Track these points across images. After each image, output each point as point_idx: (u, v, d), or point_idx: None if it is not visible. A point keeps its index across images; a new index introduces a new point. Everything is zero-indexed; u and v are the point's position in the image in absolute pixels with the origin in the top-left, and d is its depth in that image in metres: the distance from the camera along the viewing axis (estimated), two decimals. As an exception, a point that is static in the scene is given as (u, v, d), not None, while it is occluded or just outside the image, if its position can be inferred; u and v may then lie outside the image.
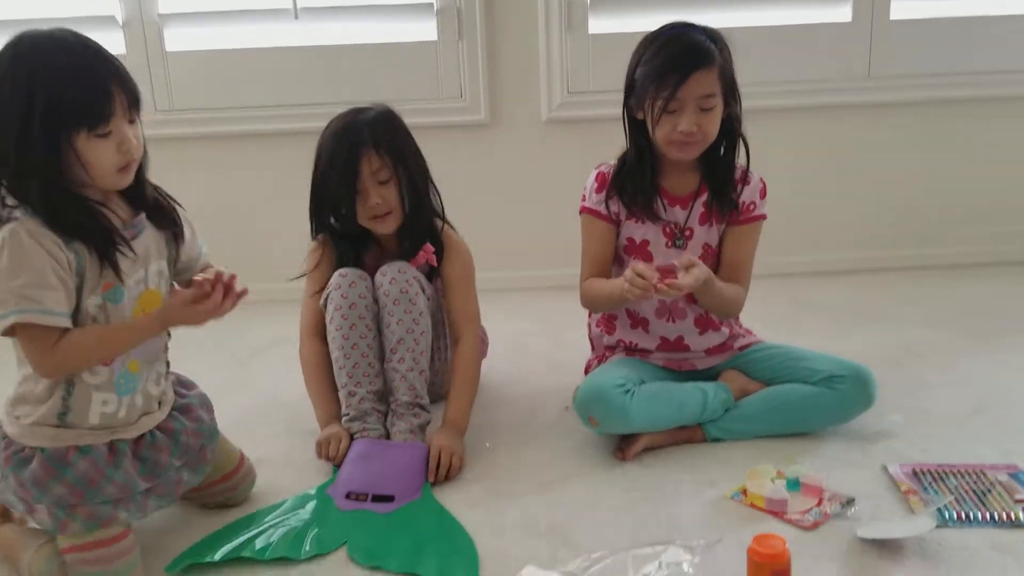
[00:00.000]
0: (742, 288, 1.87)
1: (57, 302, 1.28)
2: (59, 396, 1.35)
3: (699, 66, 1.70)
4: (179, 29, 2.81)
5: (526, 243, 2.98)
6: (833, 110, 2.97)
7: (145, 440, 1.44)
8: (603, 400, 1.72)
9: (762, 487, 1.56)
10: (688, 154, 1.78)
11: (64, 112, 1.25)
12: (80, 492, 1.34)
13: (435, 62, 2.85)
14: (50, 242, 1.27)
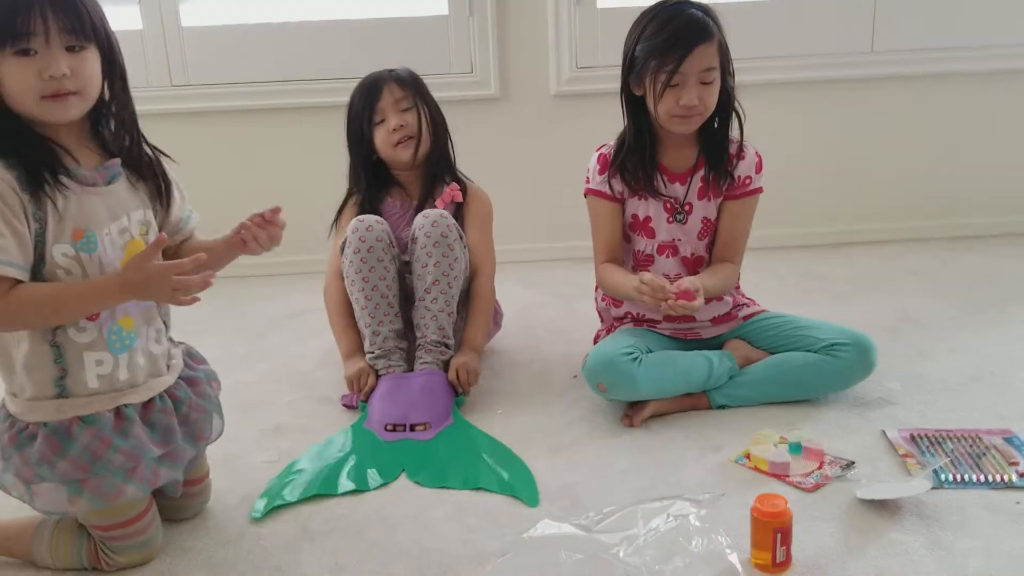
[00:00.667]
0: (734, 265, 1.94)
1: (3, 250, 1.19)
2: (50, 360, 1.28)
3: (701, 40, 1.76)
4: (194, 3, 2.84)
5: (535, 215, 3.03)
6: (836, 84, 3.00)
7: (155, 404, 1.37)
8: (611, 367, 1.78)
9: (765, 451, 1.62)
10: (689, 127, 1.83)
11: None
12: (85, 465, 1.28)
13: (446, 37, 2.89)
14: (3, 184, 1.20)
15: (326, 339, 2.20)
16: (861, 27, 2.94)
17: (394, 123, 2.06)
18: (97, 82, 1.27)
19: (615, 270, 1.92)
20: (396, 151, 2.09)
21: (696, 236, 1.93)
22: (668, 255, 1.94)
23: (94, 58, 1.25)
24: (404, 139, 2.08)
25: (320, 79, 2.84)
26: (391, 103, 2.07)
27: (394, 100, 2.07)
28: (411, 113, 2.08)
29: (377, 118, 2.08)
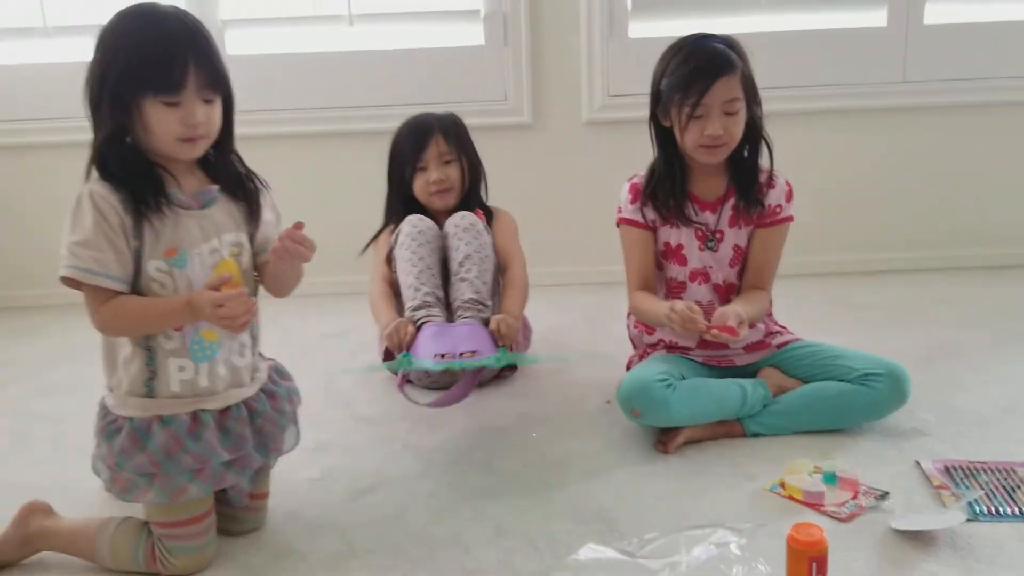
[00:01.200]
0: (765, 292, 1.97)
1: (101, 263, 1.33)
2: (142, 361, 1.41)
3: (723, 73, 1.80)
4: (239, 32, 2.91)
5: (566, 239, 3.07)
6: (868, 113, 3.03)
7: (231, 412, 1.46)
8: (646, 393, 1.80)
9: (800, 480, 1.64)
10: (715, 157, 1.87)
11: (136, 75, 1.31)
12: (158, 462, 1.38)
13: (481, 66, 2.95)
14: (107, 205, 1.33)
15: (366, 358, 2.24)
16: (893, 57, 2.97)
17: (435, 176, 2.20)
18: (219, 124, 1.42)
19: (648, 297, 1.95)
20: (433, 199, 2.25)
21: (727, 263, 1.96)
22: (700, 282, 1.97)
23: (219, 106, 1.41)
24: (442, 190, 2.22)
25: (363, 106, 2.90)
26: (435, 155, 2.20)
27: (439, 153, 2.21)
28: (452, 167, 2.23)
29: (420, 165, 2.22)
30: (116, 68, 1.31)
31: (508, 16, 2.89)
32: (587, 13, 2.89)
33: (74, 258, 1.33)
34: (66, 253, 1.34)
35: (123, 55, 1.31)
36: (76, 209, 1.35)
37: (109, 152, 1.35)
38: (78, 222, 1.34)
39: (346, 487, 1.76)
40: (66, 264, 1.34)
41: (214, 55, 1.37)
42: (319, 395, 2.22)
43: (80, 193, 1.35)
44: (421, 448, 1.92)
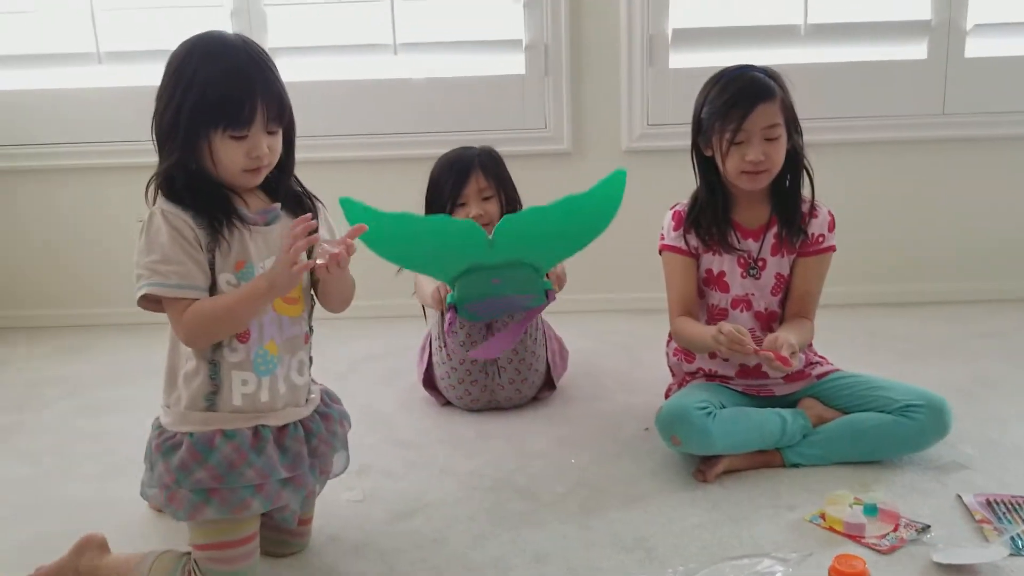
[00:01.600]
0: (810, 322, 1.98)
1: (182, 275, 1.37)
2: (206, 375, 1.42)
3: (762, 98, 1.84)
4: (287, 60, 2.97)
5: (603, 266, 3.08)
6: (908, 145, 3.03)
7: (288, 431, 1.48)
8: (686, 420, 1.81)
9: (841, 511, 1.64)
10: (757, 184, 1.89)
11: (208, 110, 1.35)
12: (220, 476, 1.39)
13: (522, 94, 2.99)
14: (180, 220, 1.37)
15: (405, 381, 2.27)
16: (933, 90, 2.98)
17: (475, 212, 2.24)
18: (279, 151, 1.46)
19: (690, 323, 1.97)
20: None
21: (770, 291, 1.98)
22: (742, 309, 1.98)
23: (281, 135, 1.45)
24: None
25: (405, 133, 2.95)
26: (475, 191, 2.25)
27: (479, 189, 2.25)
28: (492, 202, 2.27)
29: (460, 201, 2.25)
30: (189, 102, 1.35)
31: (549, 46, 2.93)
32: (628, 43, 2.93)
33: (155, 275, 1.36)
34: (145, 272, 1.37)
35: (196, 90, 1.35)
36: (148, 230, 1.38)
37: (176, 177, 1.39)
38: (153, 242, 1.37)
39: (386, 510, 1.78)
40: (148, 282, 1.37)
41: (279, 88, 1.42)
42: (359, 418, 2.21)
43: (150, 215, 1.39)
44: (460, 472, 1.94)
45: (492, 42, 2.96)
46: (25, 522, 1.77)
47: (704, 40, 2.94)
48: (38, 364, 2.80)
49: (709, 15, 2.93)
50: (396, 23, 2.92)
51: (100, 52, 2.97)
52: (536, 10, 2.92)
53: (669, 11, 2.91)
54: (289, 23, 2.97)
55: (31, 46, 3.00)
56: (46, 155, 3.06)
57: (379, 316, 2.93)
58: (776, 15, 2.92)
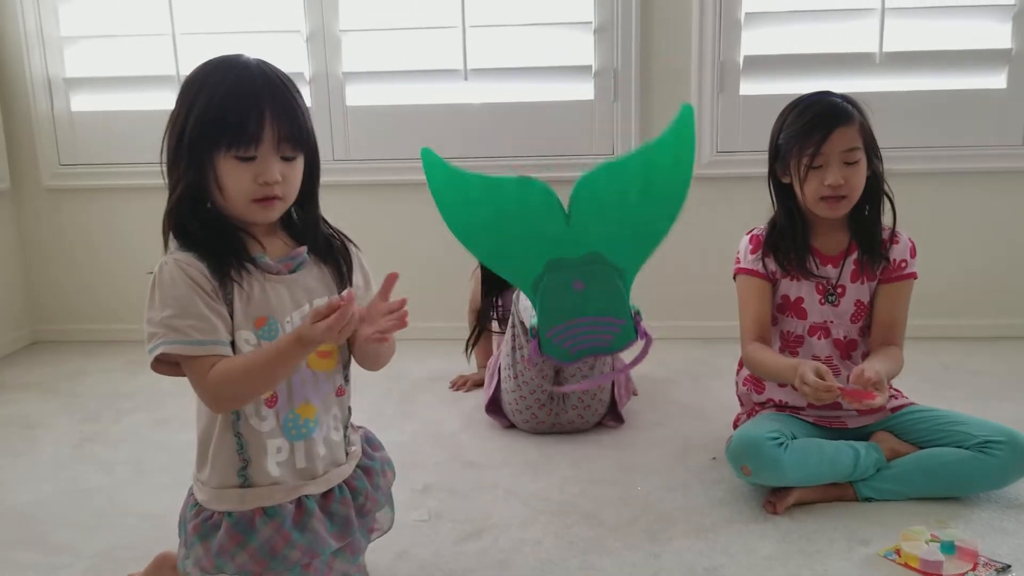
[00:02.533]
0: (898, 349, 1.93)
1: (203, 331, 1.22)
2: (233, 450, 1.30)
3: (840, 122, 1.82)
4: (360, 86, 3.04)
5: (670, 294, 3.07)
6: (985, 176, 2.97)
7: (334, 495, 1.37)
8: (757, 451, 1.79)
9: (917, 548, 1.60)
10: (836, 211, 1.86)
11: (210, 127, 1.22)
12: (263, 561, 1.28)
13: (591, 120, 3.00)
14: (196, 271, 1.23)
15: (470, 402, 2.29)
16: (1013, 120, 2.92)
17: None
18: (298, 186, 1.31)
19: (765, 350, 1.93)
20: None
21: (849, 319, 1.94)
22: (820, 336, 1.95)
23: (301, 165, 1.30)
24: None
25: (474, 156, 2.97)
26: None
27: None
28: None
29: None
30: (191, 120, 1.22)
31: (619, 72, 2.94)
32: (698, 69, 2.93)
33: (173, 332, 1.21)
34: (160, 330, 1.22)
35: (199, 106, 1.22)
36: (160, 283, 1.24)
37: (185, 215, 1.26)
38: (166, 295, 1.23)
39: (452, 530, 1.78)
40: (164, 341, 1.21)
41: (297, 109, 1.26)
42: (424, 438, 2.27)
43: (160, 266, 1.25)
44: (525, 495, 1.94)
45: (562, 68, 2.99)
46: (99, 531, 1.81)
47: (776, 68, 2.92)
48: (112, 377, 2.87)
49: (781, 43, 2.91)
50: (467, 49, 2.96)
51: (180, 76, 3.05)
52: (607, 36, 2.93)
53: (741, 38, 2.91)
54: (363, 49, 3.03)
55: (115, 69, 3.11)
56: (122, 174, 3.16)
57: (446, 338, 2.95)
58: (851, 43, 2.89)
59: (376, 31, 3.02)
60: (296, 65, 3.02)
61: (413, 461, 2.11)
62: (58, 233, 3.25)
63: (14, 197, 3.22)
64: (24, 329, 3.28)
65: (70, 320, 3.32)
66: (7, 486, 2.05)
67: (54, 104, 3.13)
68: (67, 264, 3.27)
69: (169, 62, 3.05)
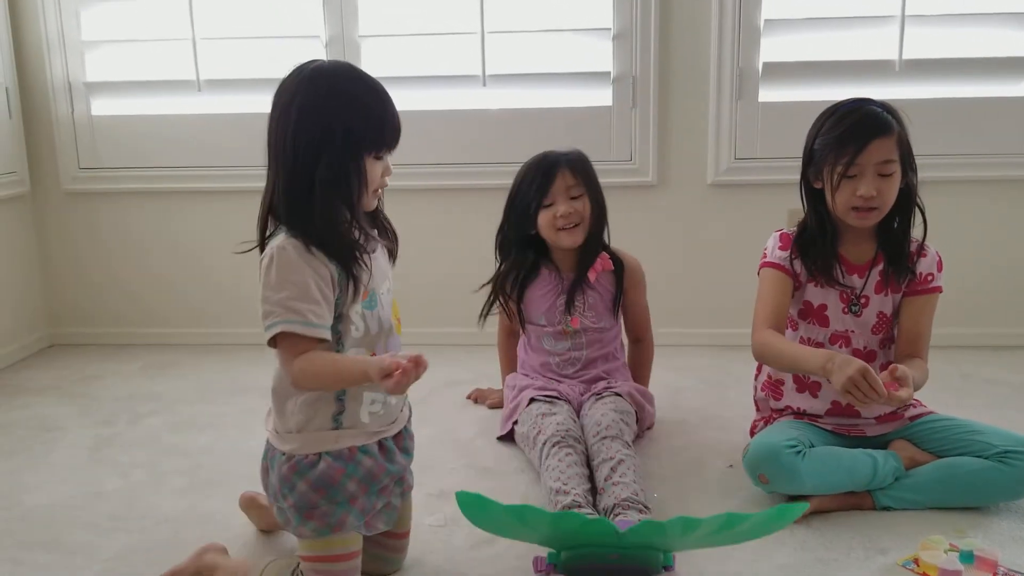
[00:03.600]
0: (923, 362, 1.91)
1: (318, 315, 1.36)
2: (333, 396, 1.44)
3: (879, 133, 1.80)
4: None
5: (686, 301, 3.06)
6: (1005, 184, 2.95)
7: (403, 435, 1.56)
8: (775, 459, 1.78)
9: (935, 557, 1.58)
10: (867, 221, 1.85)
11: (366, 132, 1.39)
12: (366, 487, 1.45)
13: (609, 127, 2.99)
14: (314, 258, 1.37)
15: (485, 410, 2.28)
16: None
17: (563, 210, 2.15)
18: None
19: (781, 338, 1.89)
20: (559, 235, 2.19)
21: (870, 330, 1.93)
22: (840, 345, 1.94)
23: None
24: (569, 226, 2.18)
25: (492, 163, 2.97)
26: (563, 189, 2.16)
27: (566, 187, 2.16)
28: (580, 201, 2.18)
29: (547, 201, 2.17)
30: (350, 124, 1.36)
31: (638, 78, 2.94)
32: (717, 76, 2.92)
33: (291, 313, 1.35)
34: (279, 310, 1.35)
35: (358, 112, 1.38)
36: (279, 265, 1.36)
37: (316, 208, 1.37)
38: (285, 279, 1.36)
39: (468, 535, 1.77)
40: (284, 320, 1.35)
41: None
42: (441, 442, 2.26)
43: (279, 248, 1.37)
44: (541, 502, 1.92)
45: (580, 74, 2.98)
46: (115, 534, 1.82)
47: (795, 75, 2.91)
48: (129, 380, 2.88)
49: (801, 49, 2.90)
50: (486, 55, 2.96)
51: (200, 80, 3.07)
52: (625, 43, 2.93)
53: (760, 45, 2.89)
54: (382, 54, 3.03)
55: (136, 73, 3.13)
56: (141, 178, 3.17)
57: (461, 344, 2.95)
58: (870, 50, 2.88)
59: (395, 37, 3.02)
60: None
61: (429, 465, 2.10)
62: (76, 237, 3.27)
63: (33, 200, 3.24)
64: (41, 332, 3.30)
65: (87, 324, 3.33)
66: (24, 488, 2.06)
67: (74, 108, 3.15)
68: (85, 268, 3.29)
69: (189, 67, 3.06)
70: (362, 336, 1.46)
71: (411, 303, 3.13)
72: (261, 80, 3.03)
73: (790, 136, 1.92)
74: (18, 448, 2.31)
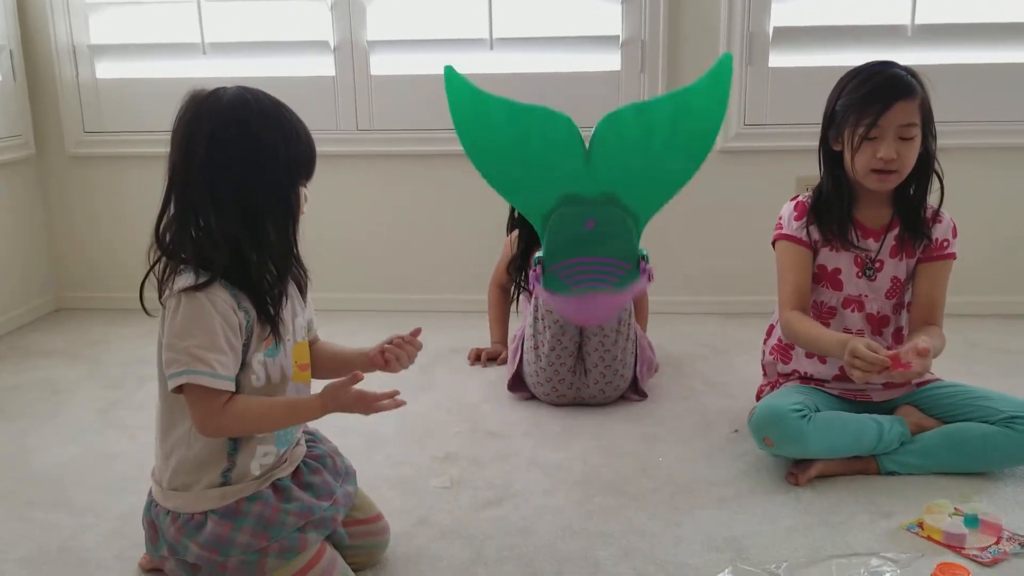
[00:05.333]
0: (939, 328, 1.90)
1: (225, 365, 1.28)
2: (224, 452, 1.36)
3: (902, 96, 1.78)
4: (385, 55, 3.02)
5: (694, 268, 3.05)
6: (1018, 151, 2.93)
7: (301, 471, 1.45)
8: (780, 422, 1.78)
9: (940, 521, 1.59)
10: (885, 185, 1.84)
11: (299, 162, 1.33)
12: (264, 533, 1.34)
13: (617, 91, 2.96)
14: (225, 305, 1.29)
15: (491, 374, 2.29)
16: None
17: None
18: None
19: (805, 320, 1.89)
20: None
21: (884, 295, 1.92)
22: (853, 309, 1.93)
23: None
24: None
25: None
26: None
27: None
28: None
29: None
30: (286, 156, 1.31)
31: (647, 43, 2.91)
32: (726, 41, 2.88)
33: (199, 363, 1.27)
34: (185, 358, 1.27)
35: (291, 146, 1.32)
36: (190, 309, 1.28)
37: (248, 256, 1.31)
38: (196, 325, 1.28)
39: (474, 497, 1.79)
40: (192, 371, 1.27)
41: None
42: (445, 408, 2.27)
43: (190, 293, 1.28)
44: (547, 464, 1.94)
45: (589, 38, 2.95)
46: (123, 494, 1.82)
47: (806, 39, 2.87)
48: (135, 344, 2.88)
49: (812, 14, 2.86)
50: (493, 18, 2.93)
51: (205, 43, 3.05)
52: (634, 6, 2.90)
53: (771, 8, 2.86)
54: (388, 17, 3.00)
55: (140, 36, 3.10)
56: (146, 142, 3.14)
57: (464, 311, 2.95)
58: (882, 15, 2.84)
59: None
60: (320, 33, 3.00)
61: (434, 430, 2.12)
62: (82, 200, 3.26)
63: (39, 164, 3.23)
64: (48, 295, 3.30)
65: (93, 288, 3.33)
66: (33, 450, 2.07)
67: (79, 71, 3.13)
68: (91, 231, 3.29)
69: (194, 29, 3.04)
70: (263, 386, 1.37)
71: (414, 269, 3.15)
72: (266, 43, 3.04)
73: (800, 102, 1.90)
74: (27, 411, 2.32)
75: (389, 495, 1.77)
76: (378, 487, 1.77)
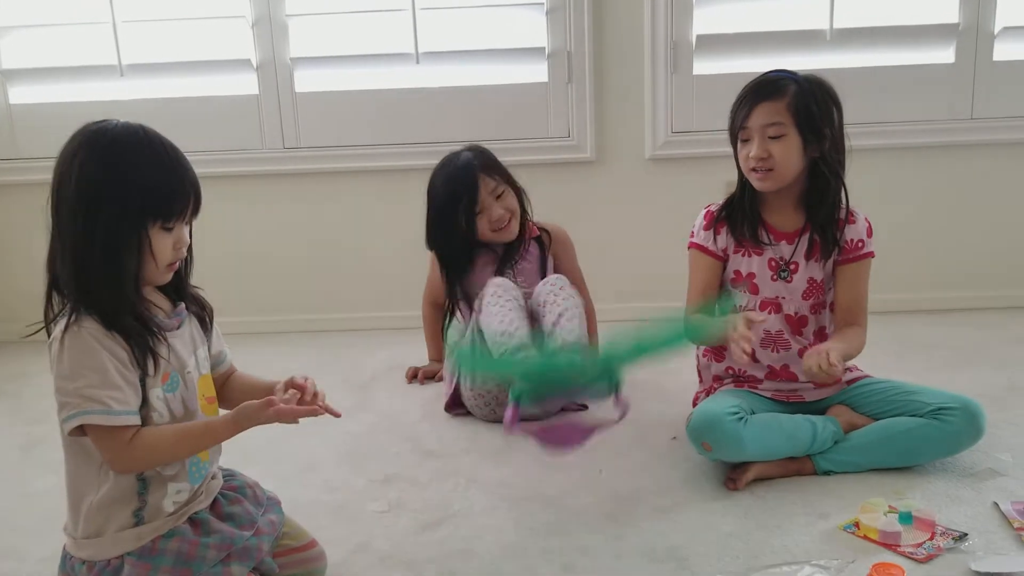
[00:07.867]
0: (861, 329, 1.94)
1: (120, 400, 1.25)
2: (133, 492, 1.32)
3: (765, 98, 1.85)
4: (309, 71, 2.98)
5: (627, 276, 3.06)
6: (936, 150, 3.00)
7: (220, 502, 1.42)
8: (717, 426, 1.79)
9: (875, 520, 1.60)
10: (765, 184, 1.89)
11: (149, 201, 1.26)
12: (185, 570, 1.31)
13: (545, 103, 2.97)
14: (109, 340, 1.25)
15: (429, 392, 2.25)
16: (961, 94, 2.95)
17: (497, 213, 2.27)
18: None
19: (703, 316, 1.92)
20: (498, 235, 2.30)
21: (800, 296, 1.95)
22: (771, 311, 1.96)
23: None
24: (505, 225, 2.29)
25: (426, 142, 2.93)
26: (488, 193, 2.26)
27: (489, 191, 2.26)
28: (505, 196, 2.29)
29: (477, 209, 2.26)
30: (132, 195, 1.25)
31: (572, 54, 2.92)
32: (651, 50, 2.91)
33: (92, 403, 1.23)
34: (77, 400, 1.23)
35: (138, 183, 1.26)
36: (75, 350, 1.25)
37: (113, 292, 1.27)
38: (83, 364, 1.24)
39: (413, 520, 1.76)
40: (86, 411, 1.23)
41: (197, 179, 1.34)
42: (383, 428, 2.24)
43: (71, 333, 1.26)
44: (487, 482, 1.92)
45: (515, 50, 2.95)
46: (47, 535, 1.72)
47: (729, 46, 2.92)
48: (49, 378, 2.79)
49: (734, 21, 2.91)
50: (418, 32, 2.92)
51: (122, 64, 2.97)
52: (559, 18, 2.91)
53: (693, 17, 2.90)
54: (311, 33, 2.97)
55: (55, 59, 3.02)
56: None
57: (402, 328, 2.92)
58: (802, 20, 2.90)
59: (324, 15, 2.96)
60: (242, 51, 2.95)
61: (372, 452, 2.08)
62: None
63: (-47, 193, 3.12)
64: (-35, 329, 3.18)
65: (10, 320, 3.21)
66: (-48, 490, 1.99)
67: (-9, 97, 3.03)
68: (6, 261, 3.17)
69: (111, 51, 2.96)
70: (167, 423, 1.34)
71: (348, 287, 3.11)
72: (186, 63, 2.98)
73: (726, 108, 1.93)
74: (-56, 451, 2.22)
75: (325, 522, 1.73)
76: (315, 514, 1.73)
